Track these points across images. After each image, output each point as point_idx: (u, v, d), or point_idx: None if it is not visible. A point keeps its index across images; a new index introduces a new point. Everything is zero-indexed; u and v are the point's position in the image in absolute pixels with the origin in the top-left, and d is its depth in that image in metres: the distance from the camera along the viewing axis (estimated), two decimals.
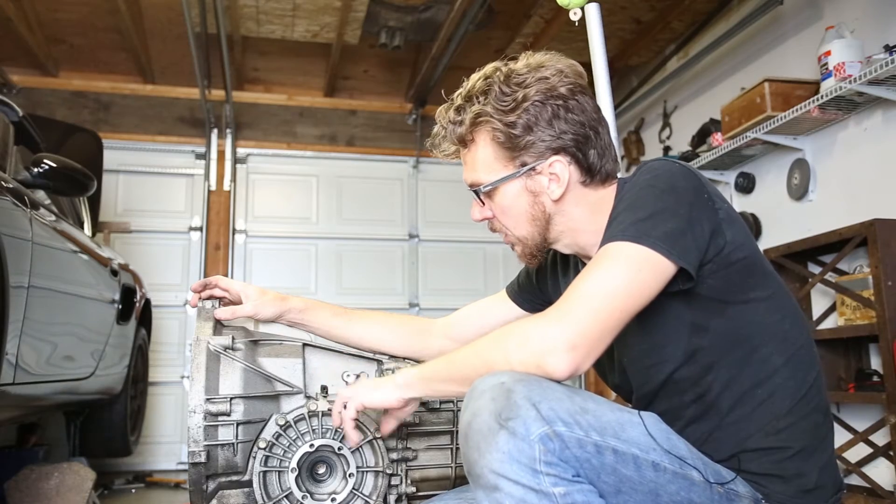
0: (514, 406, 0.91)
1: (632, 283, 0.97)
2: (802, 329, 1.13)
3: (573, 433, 0.92)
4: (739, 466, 1.05)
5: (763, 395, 1.06)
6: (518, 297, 1.45)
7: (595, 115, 1.17)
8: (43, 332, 2.11)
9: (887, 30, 2.85)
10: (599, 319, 0.95)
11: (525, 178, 1.15)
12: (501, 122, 1.13)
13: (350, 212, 5.10)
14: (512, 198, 1.17)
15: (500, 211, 1.20)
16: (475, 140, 1.18)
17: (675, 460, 0.99)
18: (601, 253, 1.02)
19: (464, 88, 1.20)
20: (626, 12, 4.10)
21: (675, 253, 0.99)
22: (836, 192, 3.10)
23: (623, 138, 4.82)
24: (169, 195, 4.85)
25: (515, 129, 1.13)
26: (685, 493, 0.98)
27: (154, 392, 4.43)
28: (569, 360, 0.94)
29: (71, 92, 4.78)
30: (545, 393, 0.93)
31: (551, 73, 1.15)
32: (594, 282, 0.98)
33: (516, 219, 1.19)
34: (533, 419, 0.91)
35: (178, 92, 4.92)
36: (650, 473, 0.96)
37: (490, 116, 1.14)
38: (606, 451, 0.94)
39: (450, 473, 1.45)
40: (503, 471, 0.90)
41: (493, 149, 1.16)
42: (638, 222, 1.01)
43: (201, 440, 1.27)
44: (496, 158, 1.16)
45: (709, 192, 1.08)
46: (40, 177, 2.28)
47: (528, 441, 0.90)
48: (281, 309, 1.46)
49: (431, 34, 4.19)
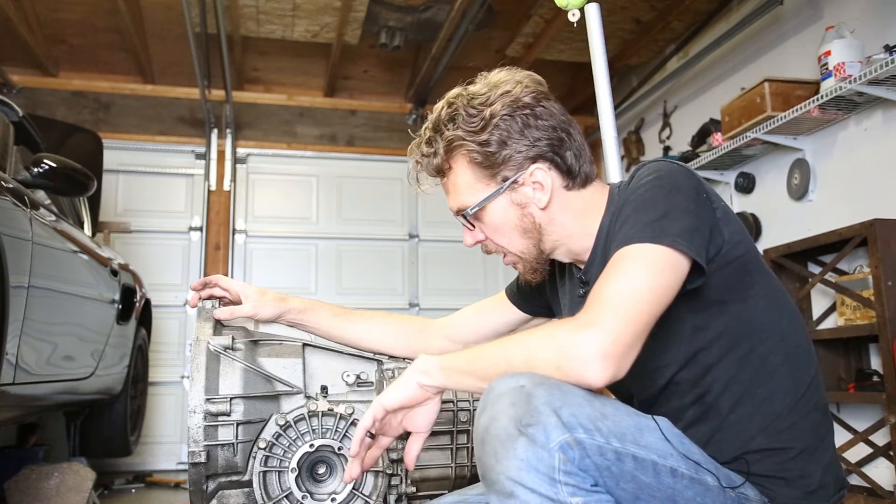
0: (534, 412, 0.89)
1: (657, 285, 0.96)
2: (800, 327, 1.13)
3: (594, 440, 0.90)
4: (749, 469, 1.04)
5: (763, 395, 1.06)
6: (517, 300, 1.45)
7: (563, 117, 1.17)
8: (43, 332, 2.11)
9: (887, 30, 2.85)
10: (631, 324, 0.93)
11: (509, 193, 1.15)
12: (475, 143, 1.13)
13: (350, 212, 5.10)
14: (500, 214, 1.17)
15: (491, 230, 1.20)
16: (452, 167, 1.18)
17: (691, 465, 0.98)
18: (620, 256, 1.00)
19: (430, 121, 1.20)
20: (626, 12, 4.10)
21: (693, 249, 0.99)
22: (836, 192, 3.10)
23: (623, 138, 4.82)
24: (169, 195, 4.85)
25: (490, 147, 1.13)
26: (700, 499, 0.98)
27: (154, 392, 4.43)
28: (605, 368, 0.91)
29: (71, 92, 4.78)
30: (566, 398, 0.91)
31: (511, 86, 1.15)
32: (620, 285, 0.96)
33: (509, 235, 1.19)
34: (553, 426, 0.88)
35: (178, 92, 4.92)
36: (668, 479, 0.95)
37: (463, 140, 1.14)
38: (626, 458, 0.92)
39: (450, 473, 1.45)
40: (520, 478, 0.88)
41: (472, 170, 1.16)
42: (653, 223, 1.01)
43: (201, 440, 1.27)
44: (477, 179, 1.16)
45: (706, 192, 1.08)
46: (40, 177, 2.28)
47: (548, 449, 0.88)
48: (281, 309, 1.46)
49: (431, 34, 4.19)
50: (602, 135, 1.89)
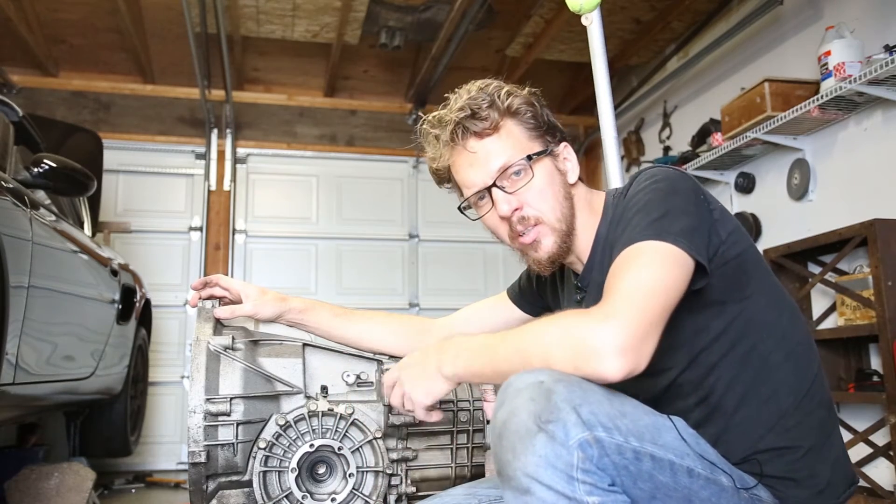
0: (554, 408, 0.88)
1: (667, 279, 0.96)
2: (800, 325, 1.13)
3: (613, 439, 0.90)
4: (762, 471, 1.04)
5: (766, 393, 1.06)
6: (519, 300, 1.45)
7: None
8: (43, 332, 2.11)
9: (887, 30, 2.85)
10: (646, 317, 0.92)
11: (552, 159, 1.21)
12: (529, 108, 1.20)
13: (350, 212, 5.10)
14: (546, 175, 1.19)
15: (536, 192, 1.17)
16: (500, 129, 1.19)
17: (707, 465, 0.98)
18: (628, 254, 1.00)
19: (474, 90, 1.21)
20: (626, 12, 4.10)
21: (694, 249, 0.99)
22: (836, 192, 3.10)
23: (623, 138, 4.82)
24: (169, 195, 4.85)
25: (541, 115, 1.21)
26: (716, 500, 0.98)
27: (154, 392, 4.43)
28: (623, 362, 0.90)
29: (71, 92, 4.78)
30: (586, 395, 0.90)
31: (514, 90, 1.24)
32: (633, 280, 0.96)
33: (554, 197, 1.18)
34: (573, 423, 0.88)
35: (178, 92, 4.92)
36: (685, 480, 0.95)
37: (519, 105, 1.20)
38: (645, 458, 0.92)
39: (449, 473, 1.45)
40: (538, 475, 0.87)
41: (522, 131, 1.20)
42: (654, 222, 1.01)
43: (201, 440, 1.27)
44: (527, 139, 1.20)
45: (703, 194, 1.10)
46: (40, 177, 2.28)
47: (567, 447, 0.87)
48: (281, 309, 1.46)
49: (431, 34, 4.19)
50: (602, 135, 1.89)
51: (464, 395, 1.47)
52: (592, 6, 1.85)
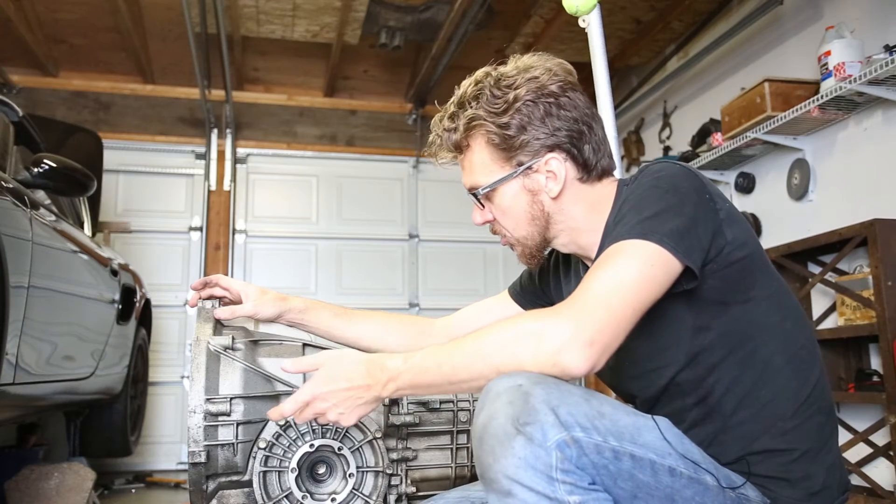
0: (531, 410, 0.89)
1: (643, 278, 0.96)
2: (804, 328, 1.12)
3: (591, 438, 0.91)
4: (749, 470, 1.04)
5: (767, 397, 1.06)
6: (520, 298, 1.45)
7: (588, 110, 1.17)
8: (43, 332, 2.11)
9: (887, 30, 2.85)
10: (614, 314, 0.93)
11: (522, 178, 1.16)
12: (495, 125, 1.14)
13: (350, 212, 5.10)
14: (511, 198, 1.17)
15: (500, 213, 1.20)
16: (470, 145, 1.19)
17: (689, 465, 0.98)
18: (610, 251, 1.01)
19: (456, 96, 1.21)
20: (626, 12, 4.10)
21: (681, 250, 0.99)
22: (836, 192, 3.10)
23: (623, 138, 4.82)
24: (169, 195, 4.85)
25: (509, 130, 1.13)
26: (700, 499, 0.98)
27: (154, 392, 4.43)
28: (586, 357, 0.91)
29: (71, 92, 4.78)
30: (563, 397, 0.91)
31: (540, 72, 1.15)
32: (605, 278, 0.97)
33: (516, 220, 1.19)
34: (551, 424, 0.89)
35: (177, 92, 4.92)
36: (666, 479, 0.96)
37: (483, 120, 1.15)
38: (624, 457, 0.93)
39: (450, 473, 1.45)
40: (518, 477, 0.88)
41: (489, 151, 1.16)
42: (644, 221, 1.01)
43: (201, 440, 1.27)
44: (493, 160, 1.17)
45: (710, 193, 1.08)
46: (40, 177, 2.28)
47: (545, 447, 0.88)
48: (281, 309, 1.46)
49: (431, 34, 4.19)
50: None
51: (464, 396, 1.47)
52: (589, 8, 1.86)
